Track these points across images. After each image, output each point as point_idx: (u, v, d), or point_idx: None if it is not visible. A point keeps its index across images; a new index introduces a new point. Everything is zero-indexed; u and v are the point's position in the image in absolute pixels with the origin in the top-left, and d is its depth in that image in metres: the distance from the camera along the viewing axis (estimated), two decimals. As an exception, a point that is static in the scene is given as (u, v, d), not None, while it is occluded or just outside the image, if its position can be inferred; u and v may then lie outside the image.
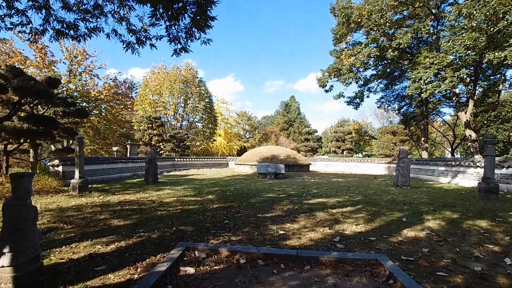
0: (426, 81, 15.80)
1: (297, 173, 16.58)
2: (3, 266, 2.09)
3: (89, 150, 32.98)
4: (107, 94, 23.19)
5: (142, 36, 5.77)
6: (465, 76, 15.47)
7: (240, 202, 6.28)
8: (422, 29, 16.91)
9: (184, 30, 5.36)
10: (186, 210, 5.40)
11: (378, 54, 17.77)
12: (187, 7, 4.72)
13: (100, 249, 3.16)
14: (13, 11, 5.06)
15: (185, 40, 5.54)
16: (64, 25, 5.51)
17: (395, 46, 16.86)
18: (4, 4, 4.89)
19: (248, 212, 5.25)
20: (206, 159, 23.58)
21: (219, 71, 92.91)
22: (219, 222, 4.47)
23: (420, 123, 25.07)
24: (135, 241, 3.50)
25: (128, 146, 20.96)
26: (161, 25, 5.12)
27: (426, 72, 15.71)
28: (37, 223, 3.99)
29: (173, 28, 5.31)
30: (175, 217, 4.82)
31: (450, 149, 32.74)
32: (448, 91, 22.22)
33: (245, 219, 4.73)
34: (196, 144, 32.28)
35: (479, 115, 22.28)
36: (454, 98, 19.80)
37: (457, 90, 19.55)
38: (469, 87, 18.38)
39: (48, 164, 8.73)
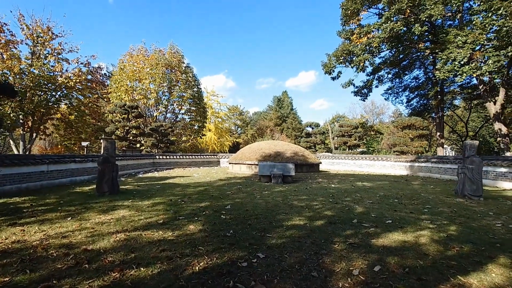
0: (462, 62, 13.08)
1: (307, 174, 13.31)
2: None
3: (59, 147, 29.03)
4: (77, 80, 19.44)
5: None
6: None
7: (251, 247, 3.01)
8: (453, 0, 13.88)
9: None
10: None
11: (405, 29, 14.77)
12: None
13: None
14: None
15: None
16: None
17: (424, 19, 13.85)
18: None
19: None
20: (193, 157, 20.09)
21: (212, 68, 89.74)
22: None
23: (432, 115, 22.46)
24: None
25: (102, 141, 17.31)
26: None
27: (460, 53, 12.91)
28: None
29: None
30: None
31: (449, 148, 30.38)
32: (467, 79, 19.86)
33: None
34: (183, 139, 28.55)
35: (507, 107, 19.71)
36: (481, 87, 17.07)
37: (485, 78, 16.77)
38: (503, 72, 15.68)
39: None
